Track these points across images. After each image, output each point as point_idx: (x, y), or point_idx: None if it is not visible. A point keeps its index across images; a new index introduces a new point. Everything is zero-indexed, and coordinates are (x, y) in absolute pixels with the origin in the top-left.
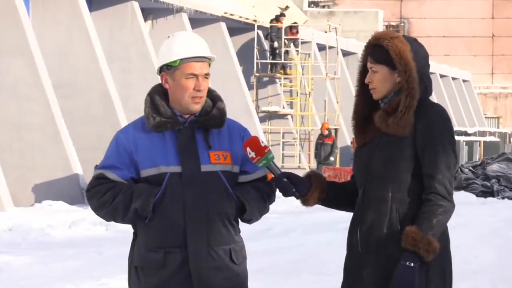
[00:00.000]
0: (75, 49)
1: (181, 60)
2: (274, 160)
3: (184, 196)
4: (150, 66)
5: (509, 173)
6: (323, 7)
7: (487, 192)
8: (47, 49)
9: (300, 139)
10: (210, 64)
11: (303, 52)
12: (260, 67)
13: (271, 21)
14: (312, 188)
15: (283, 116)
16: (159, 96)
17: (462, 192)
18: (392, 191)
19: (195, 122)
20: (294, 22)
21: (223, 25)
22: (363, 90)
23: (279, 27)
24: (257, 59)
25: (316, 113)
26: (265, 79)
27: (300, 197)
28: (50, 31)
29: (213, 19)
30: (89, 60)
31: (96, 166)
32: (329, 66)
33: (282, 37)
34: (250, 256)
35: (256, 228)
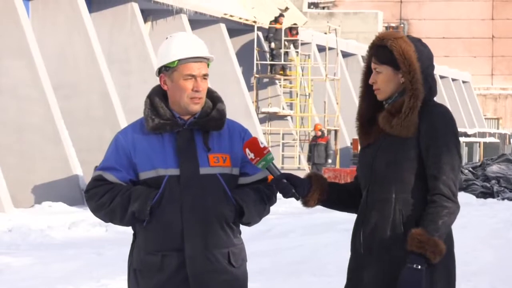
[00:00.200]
0: (75, 50)
1: (179, 61)
2: (274, 161)
3: (182, 199)
4: (150, 67)
5: (509, 174)
6: (323, 8)
7: (487, 193)
8: (47, 50)
9: (300, 140)
10: (208, 64)
11: (303, 53)
12: (260, 68)
13: (271, 22)
14: (313, 189)
15: (283, 117)
16: (158, 98)
17: (462, 193)
18: (395, 192)
19: (194, 124)
20: (294, 24)
21: (223, 26)
22: (367, 91)
23: (277, 28)
24: (256, 60)
25: (316, 114)
26: (265, 80)
27: (300, 198)
28: (50, 32)
29: (213, 21)
30: (88, 61)
31: (96, 167)
32: (328, 67)
33: (282, 38)
34: (250, 257)
35: (256, 229)
